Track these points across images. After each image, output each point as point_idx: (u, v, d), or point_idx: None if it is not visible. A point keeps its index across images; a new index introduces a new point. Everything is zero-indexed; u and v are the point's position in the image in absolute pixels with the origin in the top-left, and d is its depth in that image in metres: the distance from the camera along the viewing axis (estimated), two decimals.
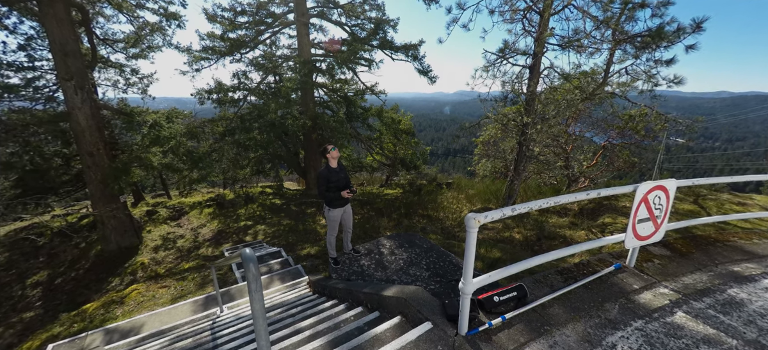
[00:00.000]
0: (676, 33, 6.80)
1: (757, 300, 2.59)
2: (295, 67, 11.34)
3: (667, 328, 2.23)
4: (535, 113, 7.80)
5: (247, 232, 9.80)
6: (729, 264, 3.15)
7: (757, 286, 2.79)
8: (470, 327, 2.11)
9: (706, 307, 2.47)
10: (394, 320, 2.37)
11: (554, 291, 2.56)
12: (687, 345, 2.08)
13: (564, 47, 7.85)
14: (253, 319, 1.31)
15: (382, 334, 2.22)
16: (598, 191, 2.44)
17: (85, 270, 8.07)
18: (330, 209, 4.10)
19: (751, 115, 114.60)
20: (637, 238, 2.74)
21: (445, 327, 2.15)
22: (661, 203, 2.74)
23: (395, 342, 2.04)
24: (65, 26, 7.28)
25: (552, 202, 2.18)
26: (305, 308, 3.50)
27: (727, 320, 2.34)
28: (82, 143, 7.79)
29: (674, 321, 2.30)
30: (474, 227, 1.90)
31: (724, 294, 2.65)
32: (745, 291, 2.70)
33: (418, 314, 2.28)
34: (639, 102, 8.80)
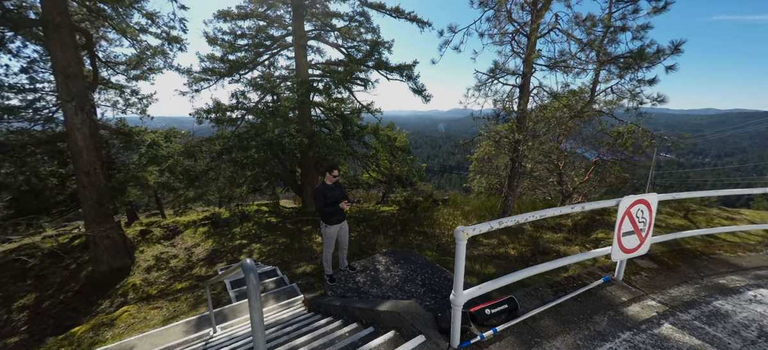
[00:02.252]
0: (656, 54, 7.16)
1: (741, 312, 2.66)
2: (292, 87, 11.62)
3: (654, 340, 2.28)
4: (527, 130, 8.03)
5: (242, 251, 9.71)
6: (715, 277, 3.24)
7: (742, 298, 2.87)
8: (462, 340, 2.15)
9: (692, 319, 2.54)
10: (389, 335, 2.40)
11: (545, 304, 2.62)
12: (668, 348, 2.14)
13: (551, 68, 8.19)
14: (252, 329, 1.36)
15: (376, 349, 2.25)
16: (582, 205, 2.55)
17: (74, 293, 7.90)
18: (326, 225, 4.15)
19: (737, 131, 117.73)
20: (623, 251, 2.83)
21: (437, 340, 2.19)
22: (644, 217, 2.86)
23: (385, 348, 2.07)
24: (69, 50, 7.48)
25: (538, 215, 2.28)
26: (300, 326, 3.49)
27: (713, 331, 2.40)
28: (79, 162, 7.83)
29: (661, 333, 2.36)
30: (463, 239, 1.99)
31: (709, 306, 2.72)
32: (730, 303, 2.78)
33: (411, 328, 2.31)
34: (626, 120, 9.11)
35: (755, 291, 2.98)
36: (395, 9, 11.27)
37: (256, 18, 11.75)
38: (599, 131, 11.23)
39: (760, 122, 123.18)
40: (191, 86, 10.42)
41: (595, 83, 8.25)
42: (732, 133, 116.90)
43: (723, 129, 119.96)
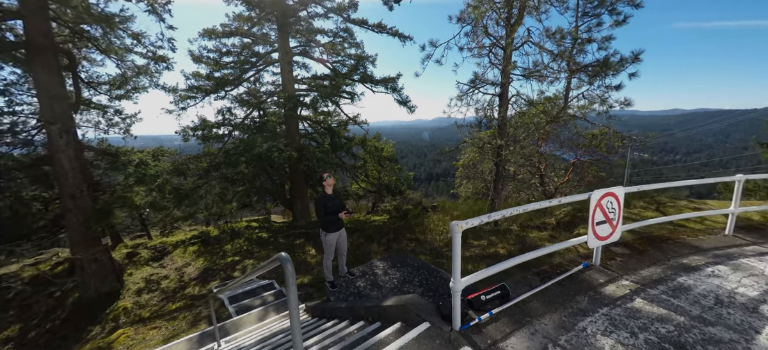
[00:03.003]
0: (619, 63, 7.86)
1: (701, 285, 3.06)
2: (279, 101, 11.80)
3: (627, 312, 2.62)
4: (508, 135, 8.53)
5: (235, 268, 9.63)
6: (679, 258, 3.66)
7: (702, 274, 3.28)
8: (463, 323, 2.41)
9: (660, 293, 2.91)
10: (396, 326, 2.63)
11: (533, 289, 2.92)
12: (644, 323, 2.47)
13: (527, 77, 8.80)
14: (289, 315, 1.56)
15: (386, 338, 2.47)
16: (558, 199, 2.90)
17: (61, 321, 7.61)
18: (326, 233, 4.35)
19: (703, 129, 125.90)
20: (598, 238, 3.20)
21: (441, 325, 2.44)
22: (613, 208, 3.24)
23: (398, 342, 2.30)
24: (53, 72, 7.42)
25: (521, 210, 2.61)
26: (308, 329, 3.64)
27: (677, 302, 2.77)
28: (64, 185, 7.67)
29: (633, 306, 2.70)
30: (458, 232, 2.27)
31: (674, 282, 3.11)
32: (691, 279, 3.18)
33: (416, 317, 2.55)
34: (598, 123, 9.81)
35: (713, 267, 3.40)
36: (377, 24, 11.75)
37: (241, 36, 11.94)
38: (575, 134, 11.98)
39: (722, 119, 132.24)
40: (178, 104, 10.41)
41: (567, 90, 8.90)
42: (698, 131, 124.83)
43: (690, 128, 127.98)
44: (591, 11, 8.26)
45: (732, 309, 2.63)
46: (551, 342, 2.27)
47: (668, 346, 2.21)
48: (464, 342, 2.26)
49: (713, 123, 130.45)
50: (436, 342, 2.27)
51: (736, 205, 4.24)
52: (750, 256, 3.66)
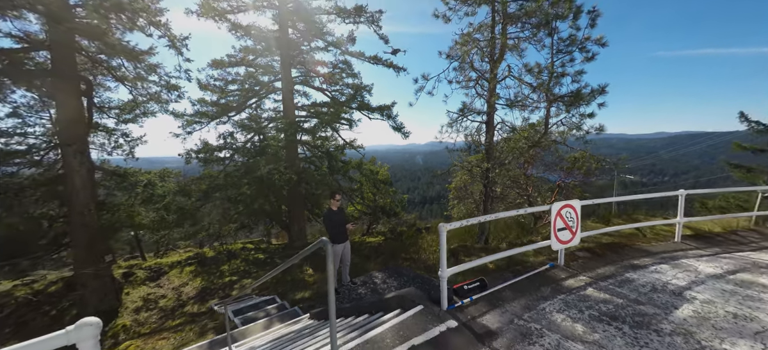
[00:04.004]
0: (591, 94, 9.02)
1: (643, 278, 3.82)
2: (281, 127, 12.64)
3: (579, 297, 3.35)
4: (494, 159, 9.46)
5: (233, 287, 10.00)
6: (631, 259, 4.44)
7: (646, 271, 4.05)
8: (449, 304, 3.10)
9: (608, 284, 3.65)
10: (396, 312, 3.28)
11: (506, 282, 3.64)
12: (590, 304, 3.20)
13: (511, 106, 9.91)
14: (327, 293, 2.23)
15: (388, 319, 3.12)
16: (525, 209, 3.69)
17: None
18: (333, 245, 5.01)
19: (688, 151, 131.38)
20: (560, 242, 3.97)
21: (432, 307, 3.12)
22: (572, 217, 4.04)
23: (398, 319, 2.96)
24: (74, 98, 8.17)
25: (492, 217, 3.38)
26: (317, 327, 4.21)
27: (620, 290, 3.51)
28: (74, 204, 8.17)
29: (585, 293, 3.43)
30: (443, 232, 3.03)
31: (622, 276, 3.86)
32: (637, 274, 3.94)
33: (412, 302, 3.23)
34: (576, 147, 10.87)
35: (657, 266, 4.18)
36: (373, 57, 12.96)
37: (246, 66, 12.97)
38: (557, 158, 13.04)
39: (704, 140, 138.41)
40: (184, 128, 11.15)
41: (547, 118, 9.99)
42: (684, 152, 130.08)
43: (675, 149, 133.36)
44: (564, 49, 9.52)
45: (662, 294, 3.38)
46: (517, 317, 2.97)
47: (605, 317, 2.93)
48: (449, 317, 2.94)
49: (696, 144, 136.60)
50: (428, 317, 2.94)
51: (681, 216, 5.10)
52: (690, 257, 4.47)
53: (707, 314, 2.98)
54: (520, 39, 9.52)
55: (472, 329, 2.80)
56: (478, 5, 9.38)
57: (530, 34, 9.29)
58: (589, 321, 2.91)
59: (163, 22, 8.13)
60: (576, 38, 9.02)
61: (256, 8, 12.48)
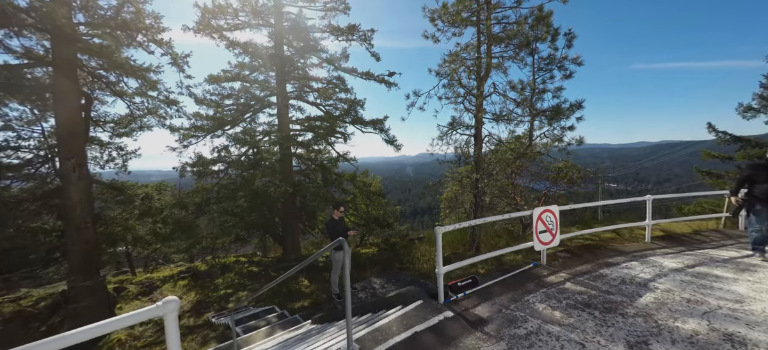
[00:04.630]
0: (570, 108, 9.79)
1: (614, 273, 4.35)
2: (276, 141, 13.00)
3: (558, 290, 3.84)
4: (483, 170, 10.06)
5: (229, 300, 10.11)
6: (605, 258, 4.99)
7: (618, 267, 4.59)
8: (445, 298, 3.53)
9: (584, 279, 4.16)
10: (397, 307, 3.68)
11: (495, 279, 4.10)
12: (567, 295, 3.69)
13: (497, 120, 10.60)
14: (345, 282, 2.64)
15: (391, 313, 3.52)
16: (509, 214, 4.20)
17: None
18: (335, 252, 5.39)
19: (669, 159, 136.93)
20: (541, 243, 4.48)
21: (430, 302, 3.55)
22: (551, 220, 4.58)
23: (400, 312, 3.37)
24: (74, 112, 8.38)
25: (481, 221, 3.87)
26: (323, 328, 4.55)
27: (594, 283, 4.02)
28: (72, 217, 8.27)
29: (563, 287, 3.93)
30: (439, 234, 3.49)
31: (596, 272, 4.39)
32: (610, 270, 4.48)
33: (412, 298, 3.64)
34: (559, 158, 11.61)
35: (627, 263, 4.74)
36: (366, 73, 13.59)
37: (241, 81, 13.38)
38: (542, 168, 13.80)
39: (683, 149, 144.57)
40: (181, 142, 11.38)
41: (531, 131, 10.72)
42: (666, 160, 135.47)
43: (657, 157, 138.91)
44: (544, 67, 10.34)
45: (630, 285, 3.91)
46: (504, 307, 3.43)
47: (580, 305, 3.42)
48: (446, 309, 3.37)
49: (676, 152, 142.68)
50: (427, 310, 3.37)
51: (649, 219, 5.72)
52: (657, 255, 5.05)
53: (666, 300, 3.51)
54: (504, 58, 10.30)
55: (465, 318, 3.23)
56: (465, 27, 10.15)
57: (513, 54, 10.07)
58: (566, 308, 3.39)
59: (166, 40, 8.50)
60: (555, 57, 9.85)
61: (253, 26, 13.01)
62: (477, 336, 2.92)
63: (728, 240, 5.91)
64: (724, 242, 5.83)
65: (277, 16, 12.76)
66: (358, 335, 2.95)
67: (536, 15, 9.38)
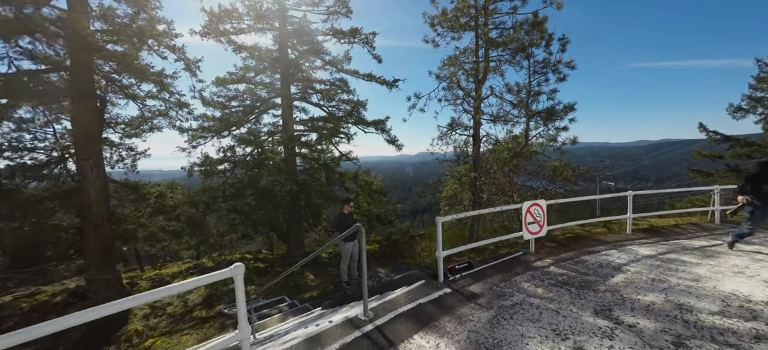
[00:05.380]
0: (563, 110, 10.43)
1: (593, 259, 4.98)
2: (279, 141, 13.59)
3: (543, 272, 4.47)
4: (481, 168, 10.69)
5: None
6: (588, 247, 5.63)
7: (598, 255, 5.23)
8: (444, 278, 4.16)
9: (567, 264, 4.80)
10: (402, 287, 4.31)
11: (487, 264, 4.73)
12: (550, 276, 4.32)
13: (495, 121, 11.24)
14: (361, 259, 3.25)
15: (398, 291, 4.14)
16: (501, 207, 4.82)
17: (74, 343, 8.37)
18: (344, 243, 6.00)
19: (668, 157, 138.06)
20: (530, 233, 5.11)
21: (431, 281, 4.17)
22: (539, 213, 5.21)
23: (405, 290, 3.99)
24: (92, 115, 8.96)
25: (478, 212, 4.49)
26: (335, 310, 5.16)
27: (575, 266, 4.66)
28: (89, 215, 8.86)
29: (548, 269, 4.56)
30: (439, 223, 4.11)
31: (578, 258, 5.03)
32: (590, 256, 5.11)
33: (416, 279, 4.27)
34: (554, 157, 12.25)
35: (607, 251, 5.37)
36: (368, 74, 14.20)
37: (246, 83, 13.96)
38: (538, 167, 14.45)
39: (683, 147, 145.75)
40: (190, 143, 11.97)
41: (527, 131, 11.37)
42: (664, 158, 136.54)
43: (655, 155, 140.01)
44: (539, 70, 11.00)
45: (605, 269, 4.55)
46: (495, 285, 4.06)
47: (560, 283, 4.05)
48: (445, 287, 4.00)
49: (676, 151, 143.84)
50: (429, 287, 3.99)
51: (630, 212, 6.37)
52: (635, 244, 5.69)
53: (633, 279, 4.15)
54: (501, 61, 10.94)
55: (462, 293, 3.86)
56: (463, 32, 10.78)
57: (510, 58, 10.71)
58: (548, 286, 4.02)
59: (179, 46, 9.09)
60: (549, 61, 10.51)
61: (257, 30, 13.60)
62: (471, 306, 3.54)
63: (703, 232, 6.57)
64: (699, 233, 6.48)
65: (281, 20, 13.35)
66: (371, 306, 3.57)
67: (531, 21, 10.00)
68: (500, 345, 2.79)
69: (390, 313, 3.41)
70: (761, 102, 14.71)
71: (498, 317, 3.29)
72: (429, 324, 3.19)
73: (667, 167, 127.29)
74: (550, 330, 3.01)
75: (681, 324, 3.07)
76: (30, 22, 6.92)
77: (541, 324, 3.12)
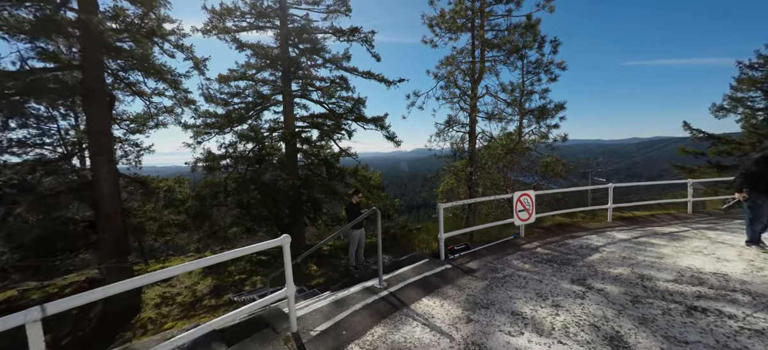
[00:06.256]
0: (554, 109, 11.19)
1: (576, 242, 5.74)
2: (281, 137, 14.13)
3: (531, 253, 5.21)
4: (477, 164, 11.43)
5: (245, 283, 11.32)
6: (572, 233, 6.39)
7: (580, 239, 5.99)
8: (445, 257, 4.85)
9: (552, 246, 5.54)
10: (408, 264, 4.99)
11: (483, 245, 5.45)
12: (537, 255, 5.05)
13: (490, 119, 11.97)
14: (377, 238, 3.91)
15: (405, 267, 4.82)
16: (496, 197, 5.53)
17: (92, 329, 8.91)
18: (352, 230, 6.66)
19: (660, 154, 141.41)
20: (520, 220, 5.84)
21: (434, 260, 4.87)
22: (528, 201, 5.94)
23: (413, 265, 4.68)
24: (105, 112, 9.42)
25: (471, 201, 5.19)
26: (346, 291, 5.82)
27: (559, 248, 5.40)
28: (103, 208, 9.35)
29: (535, 251, 5.30)
30: (441, 209, 4.80)
31: (562, 242, 5.77)
32: (573, 240, 5.87)
33: (420, 258, 4.95)
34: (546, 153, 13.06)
35: (588, 236, 6.14)
36: (367, 72, 14.78)
37: (248, 80, 14.43)
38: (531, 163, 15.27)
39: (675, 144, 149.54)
40: (195, 139, 12.46)
41: (520, 128, 12.12)
42: (656, 155, 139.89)
43: (647, 152, 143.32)
44: (532, 71, 11.74)
45: (585, 249, 5.30)
46: (489, 262, 4.77)
47: (544, 261, 4.79)
48: (446, 263, 4.70)
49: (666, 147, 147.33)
50: (432, 264, 4.69)
51: (611, 202, 7.15)
52: (614, 231, 6.47)
53: (607, 257, 4.91)
54: (496, 61, 11.65)
55: (460, 268, 4.56)
56: (460, 33, 11.45)
57: (504, 58, 11.43)
58: (534, 263, 4.75)
59: (188, 46, 9.58)
60: (542, 62, 11.26)
61: (259, 27, 14.08)
62: (468, 278, 4.24)
63: (675, 221, 7.39)
64: (672, 222, 7.30)
65: (283, 18, 13.84)
66: (386, 278, 4.25)
67: (525, 24, 10.72)
68: (493, 304, 3.50)
69: (400, 283, 4.10)
70: (741, 102, 15.72)
71: (491, 285, 4.00)
72: (434, 291, 3.88)
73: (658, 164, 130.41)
74: (533, 294, 3.72)
75: (640, 288, 3.81)
76: (51, 24, 7.37)
77: (527, 290, 3.83)
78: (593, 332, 2.92)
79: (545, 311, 3.32)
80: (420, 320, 3.24)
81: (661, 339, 2.79)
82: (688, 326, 2.98)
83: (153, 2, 9.16)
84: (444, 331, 3.01)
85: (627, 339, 2.80)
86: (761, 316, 3.11)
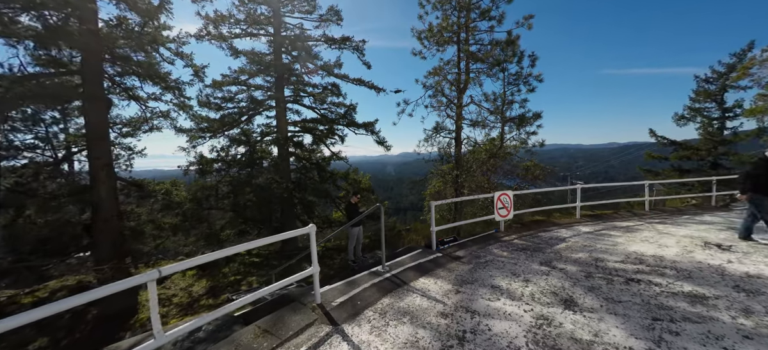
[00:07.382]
0: (532, 117, 12.36)
1: (547, 235, 6.75)
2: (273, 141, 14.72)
3: (509, 243, 6.16)
4: (462, 167, 12.45)
5: (241, 283, 11.82)
6: (545, 227, 7.42)
7: (551, 232, 7.02)
8: (437, 248, 5.73)
9: (526, 238, 6.53)
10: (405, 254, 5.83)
11: (469, 238, 6.37)
12: (513, 245, 6.01)
13: (474, 126, 13.05)
14: (381, 231, 4.74)
15: (401, 257, 5.66)
16: (477, 196, 6.48)
17: (89, 331, 9.21)
18: (352, 228, 7.42)
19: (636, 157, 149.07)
20: (500, 216, 6.81)
21: (426, 250, 5.74)
22: (507, 200, 6.92)
23: (409, 254, 5.52)
24: (102, 117, 9.80)
25: (458, 200, 6.11)
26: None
27: (532, 239, 6.39)
28: (100, 211, 9.70)
29: (512, 242, 6.27)
30: (433, 205, 5.68)
31: (535, 235, 6.78)
32: (544, 233, 6.89)
33: (415, 248, 5.81)
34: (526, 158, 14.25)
35: (558, 229, 7.18)
36: (357, 79, 15.63)
37: (241, 85, 14.97)
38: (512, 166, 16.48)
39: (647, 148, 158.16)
40: (190, 143, 12.89)
41: (502, 134, 13.25)
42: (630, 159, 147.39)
43: (622, 156, 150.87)
44: (513, 82, 12.88)
45: (554, 240, 6.30)
46: (473, 251, 5.69)
47: (519, 249, 5.74)
48: (438, 252, 5.58)
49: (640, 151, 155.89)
50: (425, 253, 5.55)
51: (579, 201, 8.26)
52: (581, 225, 7.55)
53: (571, 245, 5.92)
54: (480, 73, 12.76)
55: (450, 256, 5.45)
56: (447, 45, 12.49)
57: (487, 70, 12.54)
58: (511, 251, 5.70)
59: (187, 53, 10.13)
60: (521, 74, 12.41)
61: (253, 35, 14.69)
62: (456, 263, 5.13)
63: (634, 217, 8.59)
64: (630, 218, 8.49)
65: (277, 26, 14.51)
66: (387, 264, 5.07)
67: (506, 39, 11.85)
68: (476, 281, 4.39)
69: (400, 268, 4.94)
70: (699, 112, 17.60)
71: (475, 268, 4.89)
72: (428, 272, 4.74)
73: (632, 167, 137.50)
74: (509, 273, 4.64)
75: (593, 267, 4.80)
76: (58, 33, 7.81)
77: (504, 270, 4.76)
78: (553, 296, 3.85)
79: (517, 284, 4.24)
80: (418, 293, 4.08)
81: (603, 299, 3.75)
82: (625, 291, 3.96)
83: (155, 11, 9.68)
84: (438, 299, 3.86)
85: (577, 300, 3.74)
86: (679, 284, 4.14)
